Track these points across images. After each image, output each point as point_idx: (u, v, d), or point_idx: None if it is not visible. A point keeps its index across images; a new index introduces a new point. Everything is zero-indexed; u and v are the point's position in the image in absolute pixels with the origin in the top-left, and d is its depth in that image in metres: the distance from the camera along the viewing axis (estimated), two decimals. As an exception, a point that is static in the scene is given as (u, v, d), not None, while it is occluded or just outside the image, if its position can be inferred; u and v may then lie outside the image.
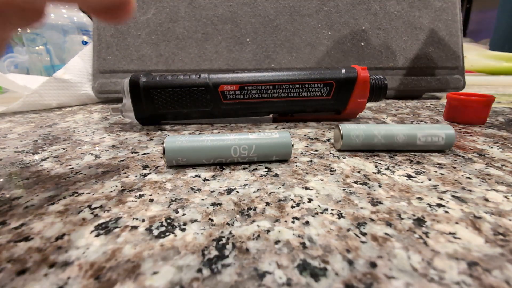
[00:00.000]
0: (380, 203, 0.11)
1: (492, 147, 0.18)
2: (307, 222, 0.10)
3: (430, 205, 0.11)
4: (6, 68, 0.56)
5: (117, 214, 0.11)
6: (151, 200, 0.12)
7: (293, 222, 0.10)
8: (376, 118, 0.27)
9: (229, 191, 0.13)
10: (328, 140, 0.20)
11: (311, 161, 0.16)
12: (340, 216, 0.11)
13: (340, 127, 0.17)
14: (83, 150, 0.18)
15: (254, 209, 0.11)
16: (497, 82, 0.60)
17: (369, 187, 0.13)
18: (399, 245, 0.09)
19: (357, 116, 0.27)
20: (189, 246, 0.09)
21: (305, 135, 0.22)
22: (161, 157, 0.17)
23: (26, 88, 0.35)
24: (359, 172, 0.15)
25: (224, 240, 0.09)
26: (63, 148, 0.19)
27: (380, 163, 0.16)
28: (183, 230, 0.10)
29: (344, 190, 0.13)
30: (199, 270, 0.08)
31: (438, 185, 0.13)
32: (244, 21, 0.36)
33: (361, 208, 0.11)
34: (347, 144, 0.17)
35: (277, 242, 0.09)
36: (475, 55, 0.75)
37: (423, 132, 0.17)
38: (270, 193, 0.12)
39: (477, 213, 0.11)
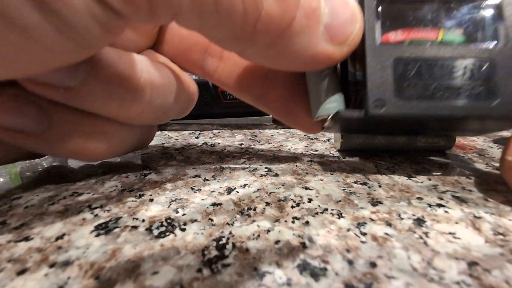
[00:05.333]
0: (380, 203, 0.11)
1: (492, 147, 0.18)
2: (307, 222, 0.10)
3: (430, 205, 0.11)
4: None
5: (117, 214, 0.11)
6: (151, 200, 0.12)
7: (293, 222, 0.10)
8: (376, 118, 0.27)
9: (229, 191, 0.13)
10: (328, 140, 0.20)
11: (311, 161, 0.16)
12: (340, 216, 0.11)
13: (340, 127, 0.17)
14: (83, 150, 0.18)
15: (254, 209, 0.11)
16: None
17: (369, 187, 0.13)
18: (399, 245, 0.09)
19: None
20: (189, 246, 0.09)
21: (305, 135, 0.22)
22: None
23: None
24: (359, 172, 0.15)
25: (224, 240, 0.09)
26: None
27: (380, 163, 0.16)
28: (183, 230, 0.10)
29: (344, 190, 0.13)
30: (199, 270, 0.08)
31: (438, 185, 0.13)
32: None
33: (361, 208, 0.11)
34: (347, 144, 0.17)
35: (277, 242, 0.09)
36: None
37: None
38: (270, 193, 0.12)
39: (477, 213, 0.11)
